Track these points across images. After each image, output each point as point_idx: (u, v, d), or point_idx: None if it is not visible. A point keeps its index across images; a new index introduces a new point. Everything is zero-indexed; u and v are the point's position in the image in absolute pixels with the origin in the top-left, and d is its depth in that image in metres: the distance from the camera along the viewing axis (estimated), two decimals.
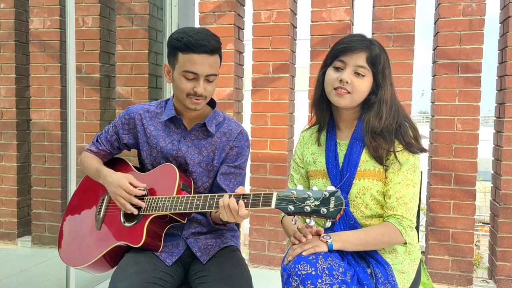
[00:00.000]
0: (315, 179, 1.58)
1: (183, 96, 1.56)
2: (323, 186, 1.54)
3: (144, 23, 3.49)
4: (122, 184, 1.54)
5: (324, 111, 1.60)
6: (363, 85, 1.48)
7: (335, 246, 1.38)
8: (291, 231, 1.50)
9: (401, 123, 1.50)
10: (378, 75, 1.49)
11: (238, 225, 1.77)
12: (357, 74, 1.47)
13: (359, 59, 1.47)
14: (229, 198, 1.35)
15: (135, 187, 1.56)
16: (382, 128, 1.48)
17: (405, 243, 1.47)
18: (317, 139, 1.61)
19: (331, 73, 1.51)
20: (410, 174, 1.48)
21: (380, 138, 1.48)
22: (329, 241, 1.38)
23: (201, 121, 1.64)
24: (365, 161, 1.50)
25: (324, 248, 1.36)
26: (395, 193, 1.46)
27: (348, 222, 1.48)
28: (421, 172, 1.57)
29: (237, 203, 1.33)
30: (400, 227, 1.45)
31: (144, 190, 1.57)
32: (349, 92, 1.47)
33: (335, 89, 1.49)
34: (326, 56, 1.56)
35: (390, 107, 1.50)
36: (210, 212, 1.59)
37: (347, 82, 1.46)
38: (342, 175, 1.50)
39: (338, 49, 1.50)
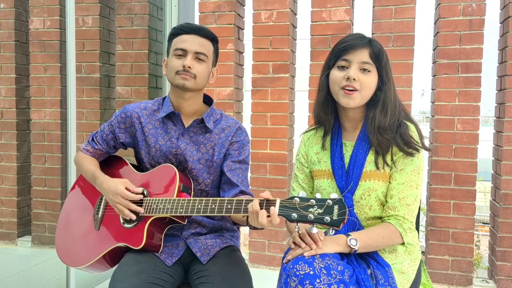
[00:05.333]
0: (319, 179, 1.56)
1: (173, 75, 1.59)
2: (328, 186, 1.53)
3: (144, 23, 3.49)
4: (120, 192, 1.53)
5: (329, 114, 1.57)
6: (370, 81, 1.47)
7: (338, 250, 1.37)
8: (293, 229, 1.48)
9: (401, 122, 1.50)
10: (382, 70, 1.49)
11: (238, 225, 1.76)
12: (363, 70, 1.46)
13: (363, 55, 1.46)
14: (255, 203, 1.31)
15: (131, 191, 1.54)
16: (387, 125, 1.47)
17: (403, 243, 1.47)
18: (322, 144, 1.59)
19: (336, 73, 1.49)
20: (415, 175, 1.47)
21: (385, 134, 1.47)
22: (355, 248, 1.37)
23: (199, 117, 1.64)
24: (371, 162, 1.49)
25: (328, 250, 1.34)
26: (398, 193, 1.46)
27: (353, 223, 1.48)
28: None
29: (267, 211, 1.28)
30: (401, 229, 1.44)
31: (143, 191, 1.57)
32: (357, 90, 1.46)
33: (342, 88, 1.47)
34: (327, 58, 1.54)
35: (394, 105, 1.50)
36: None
37: (354, 79, 1.45)
38: (348, 176, 1.49)
39: (340, 48, 1.49)
